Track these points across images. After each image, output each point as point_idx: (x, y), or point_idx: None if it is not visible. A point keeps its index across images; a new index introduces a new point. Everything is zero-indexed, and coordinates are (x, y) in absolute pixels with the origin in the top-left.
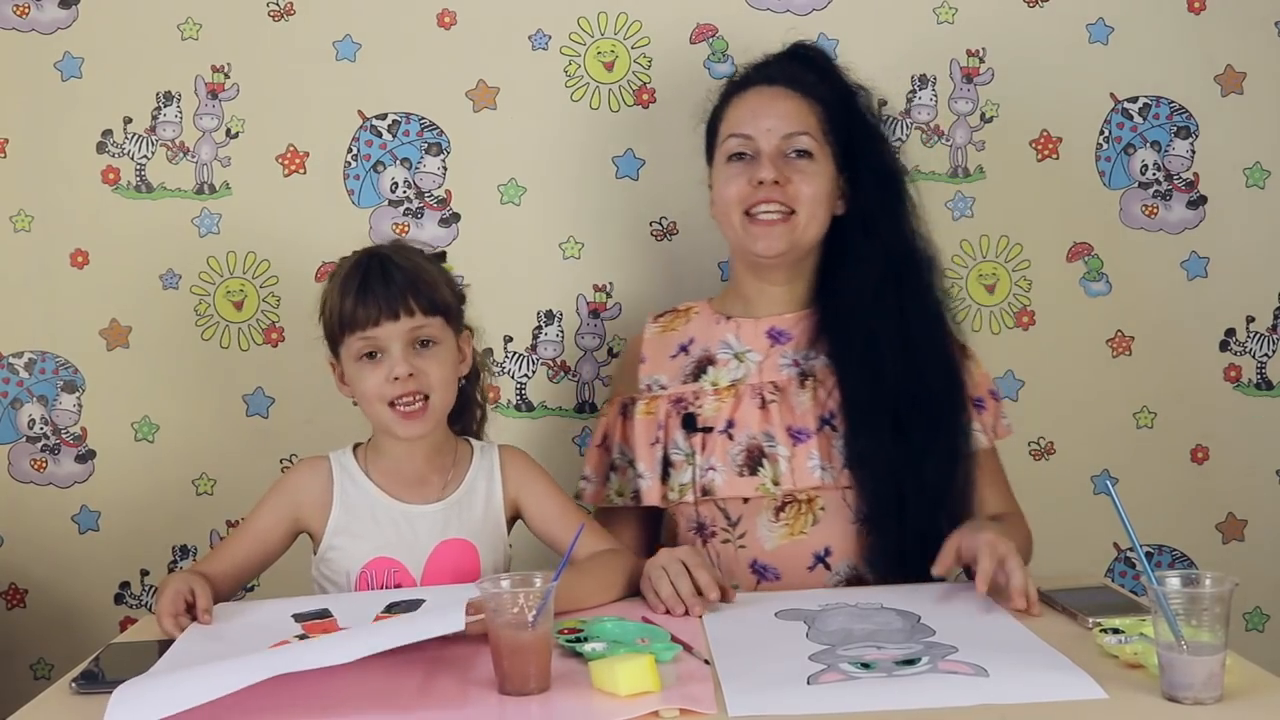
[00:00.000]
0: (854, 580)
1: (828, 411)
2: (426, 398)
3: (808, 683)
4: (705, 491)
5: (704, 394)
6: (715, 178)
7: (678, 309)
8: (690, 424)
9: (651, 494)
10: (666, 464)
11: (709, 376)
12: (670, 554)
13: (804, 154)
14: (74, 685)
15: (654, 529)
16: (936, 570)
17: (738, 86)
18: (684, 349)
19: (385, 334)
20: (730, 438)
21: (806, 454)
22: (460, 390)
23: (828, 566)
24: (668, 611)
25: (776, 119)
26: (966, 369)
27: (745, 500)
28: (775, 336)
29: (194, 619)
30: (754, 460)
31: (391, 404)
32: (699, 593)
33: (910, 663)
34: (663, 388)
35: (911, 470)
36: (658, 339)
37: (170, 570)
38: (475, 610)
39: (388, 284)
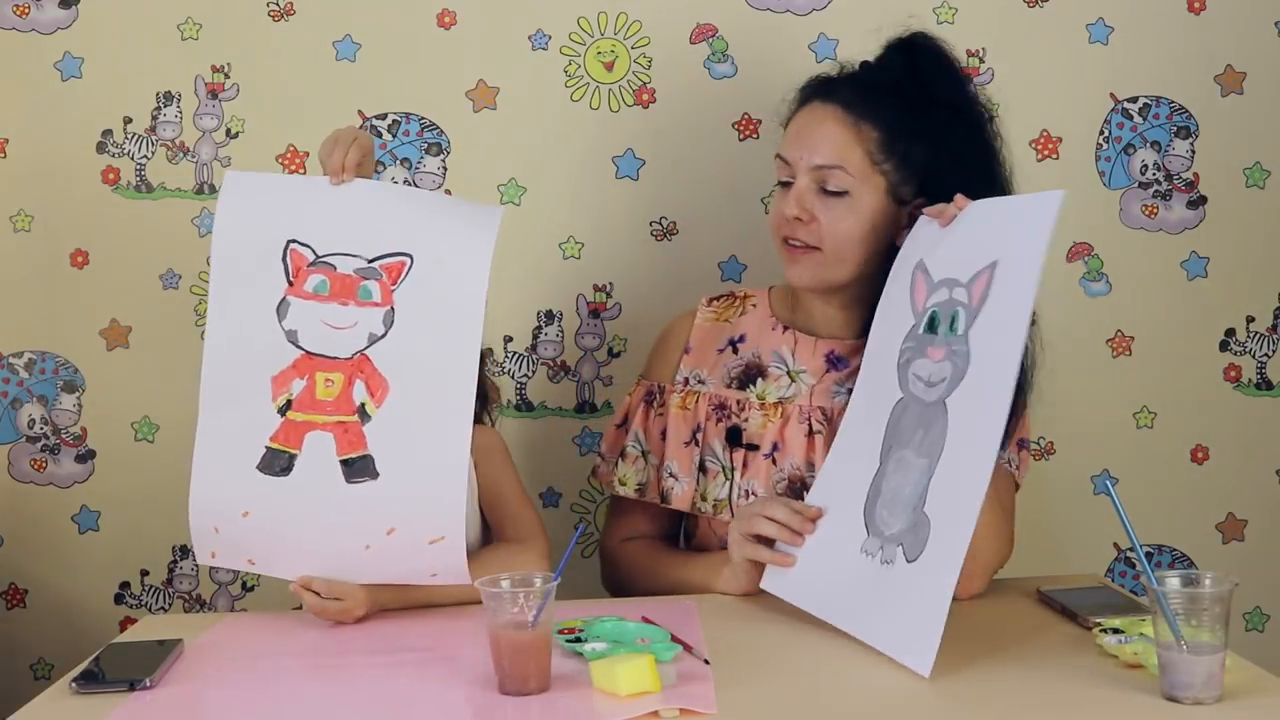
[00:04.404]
0: None
1: None
2: None
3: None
4: None
5: (749, 406)
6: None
7: (734, 294)
8: (735, 439)
9: (684, 499)
10: (700, 468)
11: (757, 389)
12: (748, 507)
13: (837, 192)
14: (74, 685)
15: (679, 526)
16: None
17: (804, 97)
18: (733, 345)
19: None
20: (774, 462)
21: None
22: None
23: None
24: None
25: (811, 150)
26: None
27: None
28: (833, 362)
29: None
30: (795, 492)
31: None
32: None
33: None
34: (701, 382)
35: None
36: (708, 326)
37: (170, 570)
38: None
39: None
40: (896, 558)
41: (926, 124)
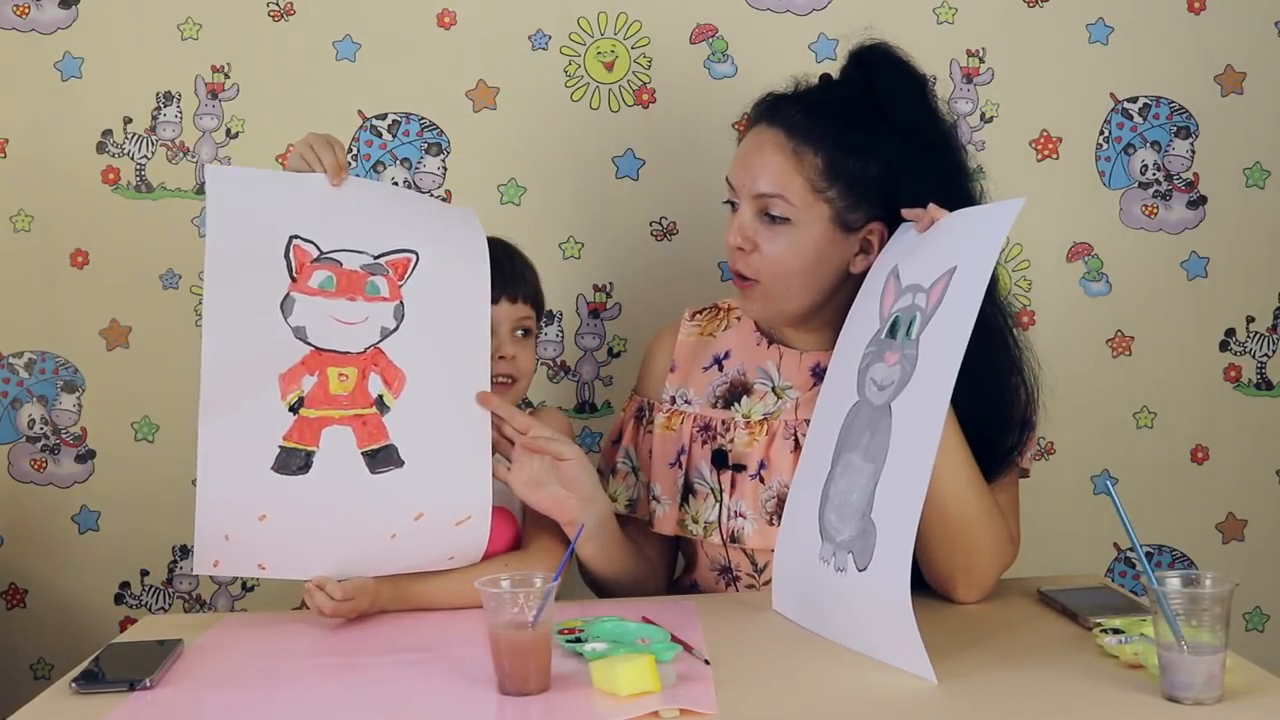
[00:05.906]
0: None
1: None
2: (514, 380)
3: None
4: (734, 538)
5: (735, 425)
6: None
7: (718, 306)
8: (721, 461)
9: (667, 522)
10: (687, 490)
11: (742, 407)
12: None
13: (779, 219)
14: (74, 685)
15: (673, 547)
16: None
17: (753, 118)
18: (718, 362)
19: (498, 314)
20: (762, 480)
21: None
22: None
23: None
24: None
25: (753, 178)
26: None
27: (773, 550)
28: (819, 375)
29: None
30: (784, 509)
31: None
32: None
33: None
34: (687, 402)
35: None
36: (692, 344)
37: (170, 570)
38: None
39: (513, 265)
40: (848, 565)
41: (879, 142)
